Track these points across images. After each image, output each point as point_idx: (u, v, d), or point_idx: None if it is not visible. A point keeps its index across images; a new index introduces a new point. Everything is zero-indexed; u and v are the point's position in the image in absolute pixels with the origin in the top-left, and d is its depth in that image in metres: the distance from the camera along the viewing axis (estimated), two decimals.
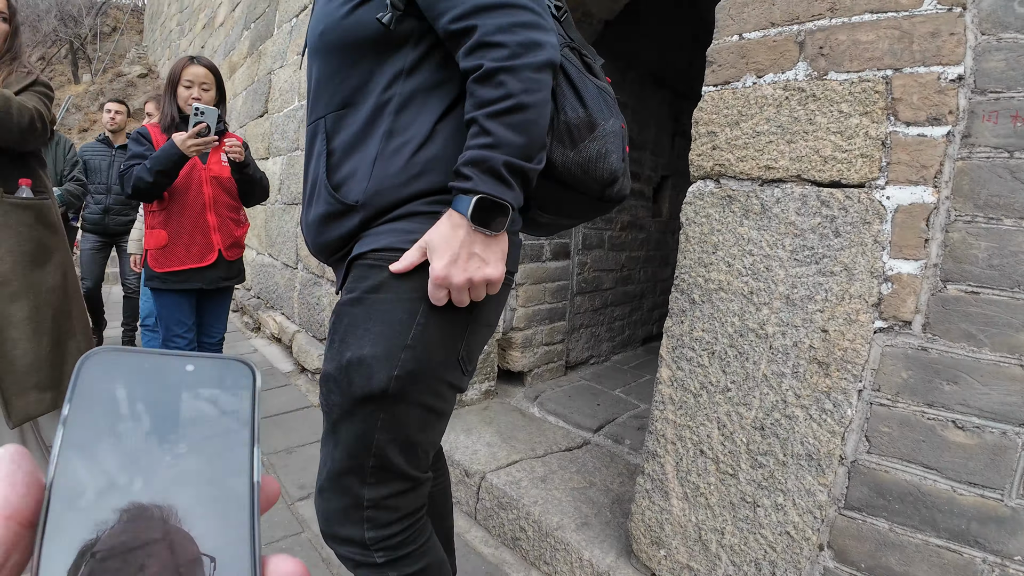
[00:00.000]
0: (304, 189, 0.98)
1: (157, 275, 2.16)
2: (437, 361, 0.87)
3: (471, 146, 0.80)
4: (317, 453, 2.32)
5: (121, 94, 13.54)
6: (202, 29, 9.43)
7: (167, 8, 14.20)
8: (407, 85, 0.87)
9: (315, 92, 0.95)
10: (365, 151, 0.88)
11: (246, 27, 6.00)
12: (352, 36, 0.87)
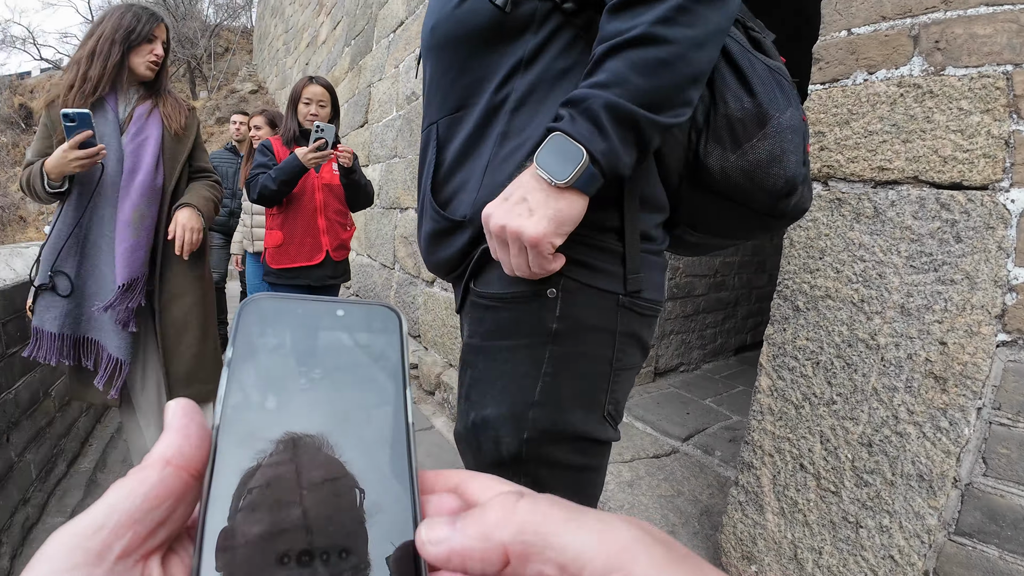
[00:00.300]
0: (418, 200, 0.89)
1: (273, 271, 2.40)
2: (576, 418, 0.74)
3: (580, 85, 0.66)
4: None
5: (235, 109, 14.80)
6: (306, 47, 10.12)
7: (273, 29, 15.36)
8: (526, 77, 0.74)
9: (428, 94, 0.85)
10: (478, 159, 0.77)
11: (347, 44, 6.39)
12: (465, 27, 0.75)
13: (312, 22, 9.69)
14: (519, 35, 0.74)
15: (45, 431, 2.13)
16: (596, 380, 0.75)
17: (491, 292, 0.75)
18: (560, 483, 0.76)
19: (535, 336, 0.73)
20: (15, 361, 1.94)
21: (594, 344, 0.74)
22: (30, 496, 1.93)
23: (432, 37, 0.80)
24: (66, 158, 1.46)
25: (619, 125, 0.63)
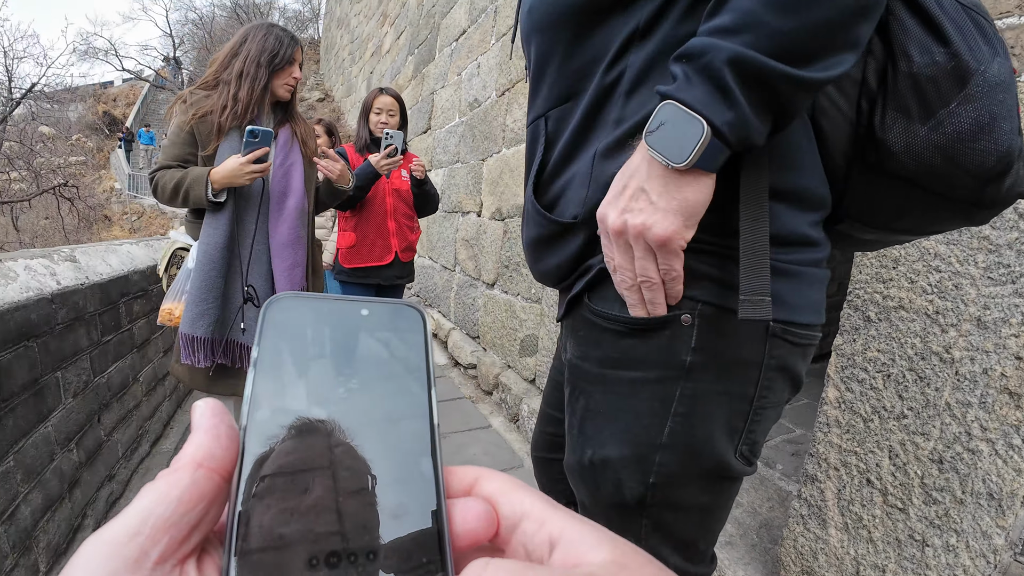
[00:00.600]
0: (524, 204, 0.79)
1: (345, 270, 2.56)
2: (706, 461, 0.64)
3: (699, 31, 0.52)
4: (467, 440, 2.59)
5: (304, 117, 15.49)
6: (370, 57, 10.49)
7: (339, 40, 15.98)
8: (643, 51, 0.60)
9: (532, 86, 0.74)
10: (587, 151, 0.65)
11: (410, 53, 6.60)
12: (564, 3, 0.64)
13: (376, 32, 10.04)
14: (631, 3, 0.60)
15: (132, 413, 2.32)
16: (732, 420, 0.63)
17: (613, 314, 0.63)
18: (684, 524, 0.68)
19: (665, 370, 0.62)
20: (109, 348, 2.12)
21: (734, 380, 0.62)
22: (116, 473, 2.11)
23: (530, 21, 0.69)
24: (241, 170, 1.56)
25: (749, 86, 0.49)
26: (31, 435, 1.53)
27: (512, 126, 3.27)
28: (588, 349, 0.68)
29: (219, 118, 1.63)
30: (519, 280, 3.04)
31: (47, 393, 1.63)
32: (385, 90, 2.50)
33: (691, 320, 0.60)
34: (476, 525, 0.21)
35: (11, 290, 1.52)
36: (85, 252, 2.12)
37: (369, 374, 0.24)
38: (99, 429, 1.97)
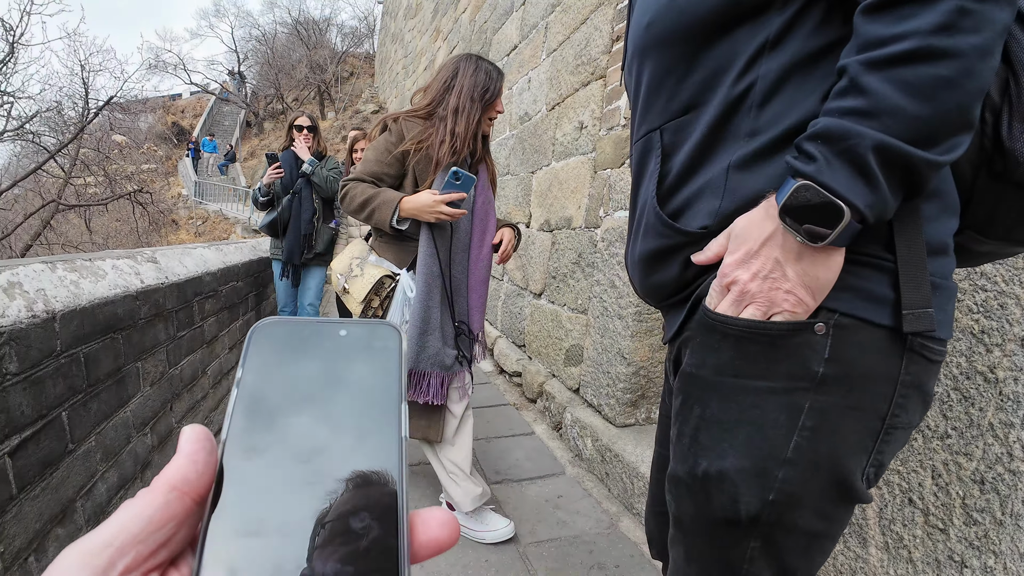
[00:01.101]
0: (631, 218, 0.79)
1: None
2: (830, 480, 0.61)
3: (830, 109, 0.54)
4: (511, 445, 2.64)
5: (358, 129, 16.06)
6: (424, 71, 10.79)
7: (393, 54, 16.49)
8: (773, 62, 0.61)
9: (645, 100, 0.74)
10: (716, 162, 0.65)
11: None
12: (690, 16, 0.64)
13: (429, 47, 10.33)
14: (759, 15, 0.61)
15: (200, 404, 2.47)
16: (862, 438, 0.61)
17: (739, 319, 0.61)
18: (792, 549, 0.64)
19: (795, 380, 0.59)
20: (183, 343, 2.28)
21: (867, 395, 0.60)
22: None
23: (648, 35, 0.70)
24: (432, 208, 1.58)
25: (891, 170, 0.52)
26: (111, 419, 1.66)
27: (562, 139, 3.32)
28: (707, 355, 0.65)
29: (437, 153, 1.66)
30: (565, 291, 3.08)
31: (128, 381, 1.77)
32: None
33: (825, 330, 0.58)
34: (439, 533, 0.23)
35: (101, 287, 1.66)
36: (164, 254, 2.28)
37: (345, 392, 0.25)
38: (171, 417, 2.12)
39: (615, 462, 2.25)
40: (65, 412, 1.40)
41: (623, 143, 2.60)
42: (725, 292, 0.61)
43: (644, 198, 0.74)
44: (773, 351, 0.60)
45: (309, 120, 3.48)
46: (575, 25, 3.31)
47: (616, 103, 2.71)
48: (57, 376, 1.38)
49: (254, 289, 3.59)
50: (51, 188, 9.60)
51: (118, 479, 1.68)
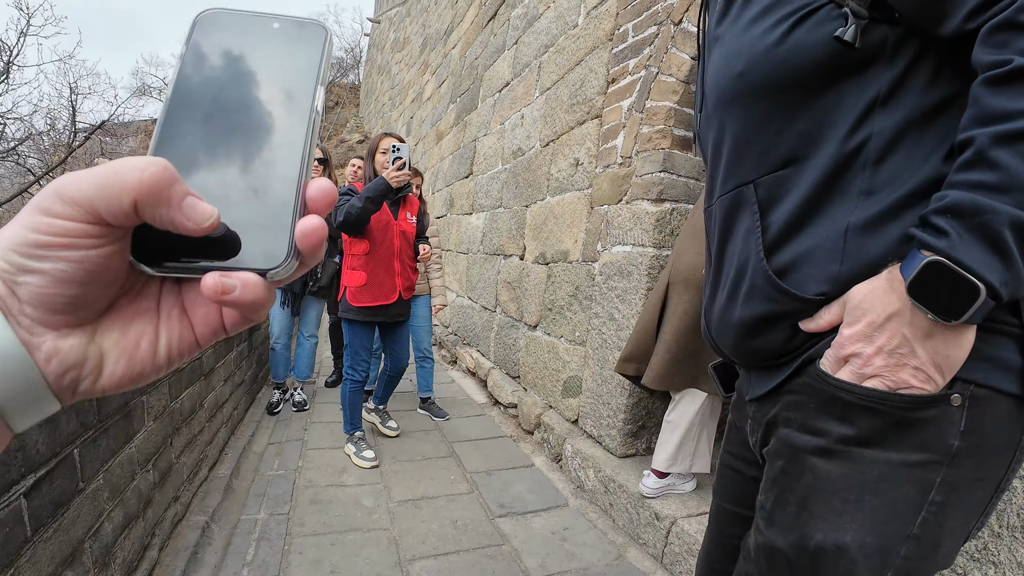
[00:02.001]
0: (715, 275, 0.77)
1: (353, 309, 2.67)
2: (946, 552, 0.61)
3: (957, 182, 0.53)
4: (512, 477, 2.65)
5: (343, 158, 16.13)
6: (411, 103, 10.96)
7: (379, 85, 16.72)
8: (887, 119, 0.59)
9: (733, 152, 0.72)
10: (828, 221, 0.62)
11: (452, 101, 6.91)
12: (792, 67, 0.62)
13: (417, 80, 10.52)
14: (866, 68, 0.60)
15: (197, 438, 2.44)
16: (979, 505, 0.60)
17: (868, 389, 0.58)
18: None
19: (928, 453, 0.57)
20: (183, 375, 2.26)
21: (993, 465, 0.59)
22: (180, 495, 2.20)
23: (742, 83, 0.67)
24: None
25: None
26: (118, 455, 1.64)
27: (557, 175, 3.41)
28: (825, 423, 0.62)
29: None
30: (563, 323, 3.12)
31: (134, 416, 1.75)
32: (389, 133, 2.71)
33: (961, 401, 0.56)
34: (319, 194, 0.27)
35: None
36: None
37: (269, 72, 0.29)
38: (171, 452, 2.08)
39: (619, 493, 2.26)
40: (77, 449, 1.38)
41: (620, 180, 2.69)
42: (842, 363, 0.60)
43: (744, 257, 0.70)
44: (904, 423, 0.58)
45: (321, 152, 3.54)
46: (569, 66, 3.43)
47: (613, 142, 2.81)
48: (71, 412, 1.37)
49: None
50: None
51: (123, 518, 1.65)
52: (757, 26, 0.65)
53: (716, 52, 0.73)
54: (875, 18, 0.59)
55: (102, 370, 0.26)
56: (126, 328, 0.26)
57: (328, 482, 2.55)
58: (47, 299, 0.23)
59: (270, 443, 3.03)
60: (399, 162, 2.44)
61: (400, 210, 2.74)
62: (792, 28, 0.62)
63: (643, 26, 2.67)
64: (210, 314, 0.28)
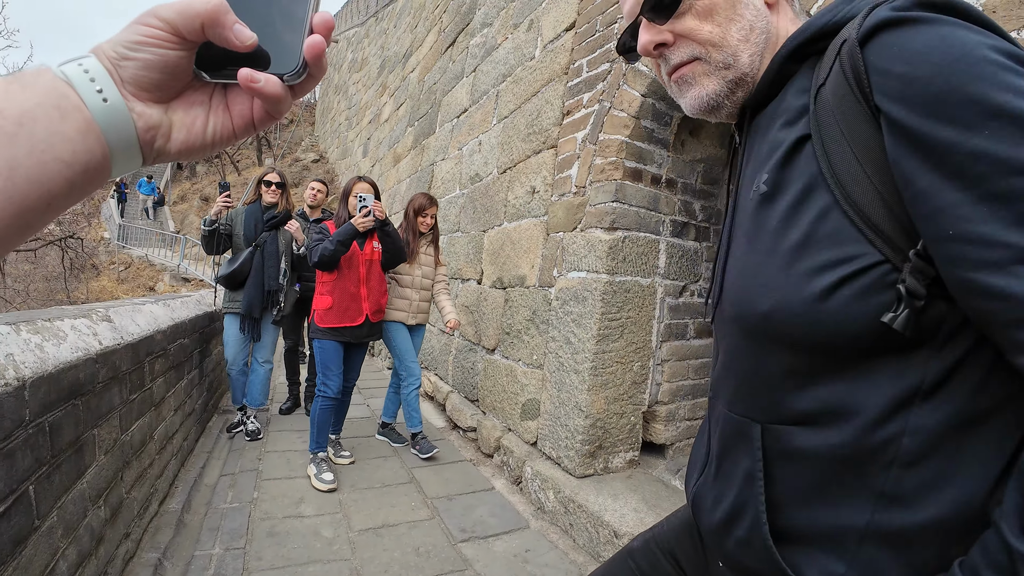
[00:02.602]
0: (708, 461, 0.74)
1: (320, 329, 2.94)
2: None
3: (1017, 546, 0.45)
4: (473, 501, 2.70)
5: (297, 177, 15.89)
6: (368, 124, 10.96)
7: (336, 104, 16.62)
8: (927, 417, 0.51)
9: (743, 376, 0.65)
10: (837, 509, 0.56)
11: (410, 124, 6.97)
12: (830, 331, 0.53)
13: (375, 101, 10.54)
14: (910, 351, 0.52)
15: (147, 471, 2.36)
16: None
17: None
18: None
19: None
20: (134, 406, 2.20)
21: None
22: (131, 531, 2.13)
23: (766, 325, 0.59)
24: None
25: None
26: (70, 491, 1.59)
27: (514, 202, 3.51)
28: None
29: None
30: (520, 346, 3.19)
31: (85, 450, 1.70)
32: (363, 178, 3.02)
33: None
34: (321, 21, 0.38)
35: (63, 350, 1.62)
36: (117, 312, 2.23)
37: None
38: (121, 487, 2.02)
39: (579, 513, 2.33)
40: (32, 486, 1.35)
41: (575, 209, 2.80)
42: None
43: (743, 499, 0.64)
44: None
45: (279, 177, 3.56)
46: (527, 96, 3.56)
47: (568, 172, 2.93)
48: (26, 448, 1.33)
49: (199, 346, 3.48)
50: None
51: (76, 556, 1.60)
52: (794, 262, 0.55)
53: (738, 255, 0.65)
54: (933, 294, 0.50)
55: (170, 135, 0.37)
56: (187, 110, 0.38)
57: (285, 513, 2.51)
58: (138, 79, 0.35)
59: (223, 474, 2.95)
60: (365, 210, 2.80)
61: (366, 242, 3.00)
62: (837, 286, 0.52)
63: (597, 62, 2.82)
64: (245, 110, 0.39)
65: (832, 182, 0.53)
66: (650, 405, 2.76)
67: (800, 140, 0.57)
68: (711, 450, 0.74)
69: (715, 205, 3.00)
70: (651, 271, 2.70)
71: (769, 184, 0.60)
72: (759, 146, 0.65)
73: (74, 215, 10.01)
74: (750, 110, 0.68)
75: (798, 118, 0.59)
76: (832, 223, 0.53)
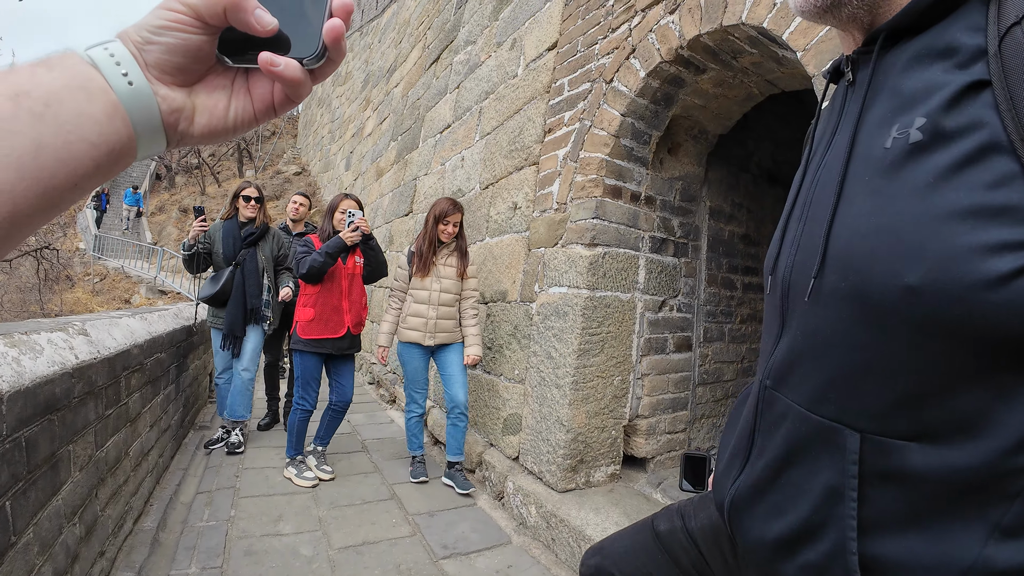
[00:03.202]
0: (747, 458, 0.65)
1: (302, 340, 3.00)
2: None
3: None
4: (454, 517, 2.70)
5: (279, 189, 15.78)
6: (351, 137, 10.96)
7: (319, 117, 16.60)
8: None
9: (842, 371, 0.54)
10: (940, 541, 0.48)
11: (393, 138, 7.00)
12: (991, 326, 0.43)
13: (358, 115, 10.56)
14: None
15: (122, 488, 2.32)
16: None
17: None
18: None
19: None
20: (109, 422, 2.16)
21: None
22: (106, 549, 2.09)
23: (908, 303, 0.47)
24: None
25: None
26: (46, 508, 1.56)
27: (496, 217, 3.54)
28: None
29: None
30: (502, 361, 3.20)
31: (61, 467, 1.67)
32: (348, 195, 3.12)
33: None
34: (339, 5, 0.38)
35: (40, 364, 1.60)
36: (94, 326, 2.20)
37: None
38: (96, 504, 1.98)
39: (561, 527, 2.33)
40: (8, 502, 1.33)
41: (556, 225, 2.84)
42: None
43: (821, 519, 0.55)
44: None
45: (257, 191, 3.59)
46: (509, 113, 3.61)
47: (549, 188, 2.97)
48: (2, 463, 1.31)
49: (176, 360, 3.43)
50: None
51: (52, 574, 1.57)
52: (959, 231, 0.44)
53: (861, 214, 0.52)
54: None
55: (193, 119, 0.38)
56: (210, 94, 0.39)
57: (264, 531, 2.48)
58: (162, 62, 0.36)
59: (199, 492, 2.90)
60: (352, 225, 2.91)
61: (349, 257, 3.09)
62: (1019, 273, 0.42)
63: (578, 82, 2.88)
64: (265, 94, 0.40)
65: (1020, 145, 0.43)
66: (631, 419, 2.79)
67: (972, 86, 0.47)
68: (758, 447, 0.64)
69: (693, 221, 3.07)
70: (631, 286, 2.75)
71: (927, 132, 0.48)
72: (896, 85, 0.53)
73: (50, 225, 9.78)
74: (882, 39, 0.55)
75: (971, 61, 0.48)
76: (1018, 195, 0.42)
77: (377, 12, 11.54)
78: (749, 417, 0.67)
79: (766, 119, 3.55)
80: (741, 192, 3.45)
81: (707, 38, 2.20)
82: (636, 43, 2.49)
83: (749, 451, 0.65)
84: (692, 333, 3.11)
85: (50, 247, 8.93)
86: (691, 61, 2.38)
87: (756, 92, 2.63)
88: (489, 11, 4.36)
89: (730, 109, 2.81)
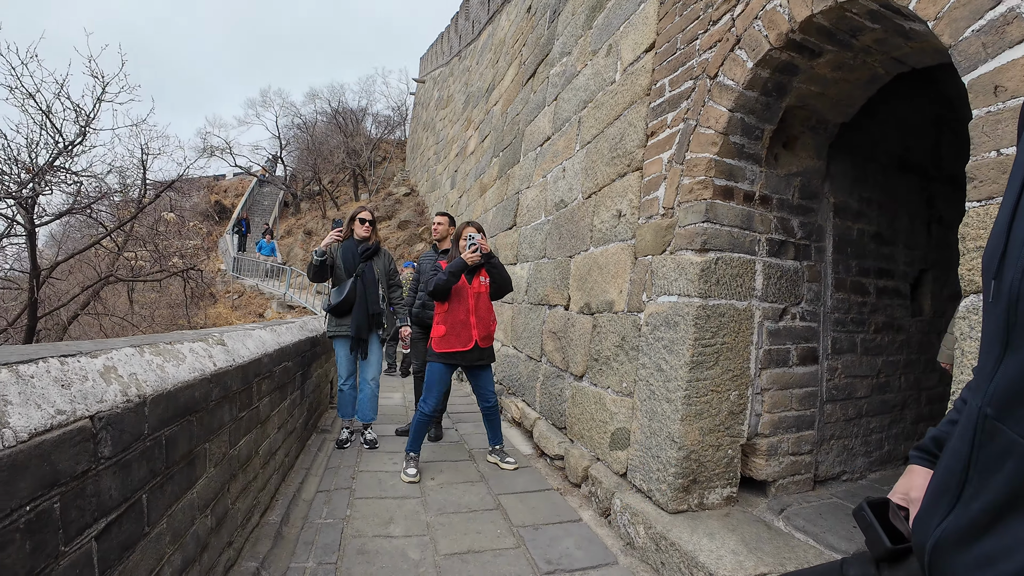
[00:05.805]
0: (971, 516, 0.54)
1: (435, 353, 3.43)
2: None
3: None
4: (559, 532, 2.63)
5: (390, 210, 16.74)
6: (455, 156, 11.39)
7: (425, 140, 17.44)
8: None
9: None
10: None
11: (495, 155, 7.15)
12: None
13: (461, 135, 10.95)
14: None
15: (251, 484, 2.50)
16: None
17: None
18: None
19: None
20: (242, 423, 2.35)
21: None
22: (233, 540, 2.25)
23: None
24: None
25: None
26: (181, 500, 1.71)
27: (600, 226, 3.47)
28: None
29: None
30: (609, 373, 3.10)
31: (197, 463, 1.83)
32: (471, 223, 3.53)
33: None
34: None
35: (182, 370, 1.76)
36: (230, 336, 2.40)
37: None
38: (227, 498, 2.15)
39: (671, 551, 2.19)
40: (145, 495, 1.46)
41: (663, 231, 2.72)
42: None
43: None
44: None
45: (370, 215, 4.04)
46: (608, 120, 3.54)
47: (654, 193, 2.85)
48: (142, 459, 1.45)
49: (301, 368, 3.69)
50: (101, 261, 10.21)
51: (181, 562, 1.71)
52: None
53: None
54: None
55: None
56: None
57: (375, 532, 2.56)
58: None
59: (319, 490, 3.08)
60: (473, 247, 3.31)
61: (474, 277, 3.46)
62: None
63: (679, 81, 2.76)
64: None
65: None
66: (749, 438, 2.58)
67: None
68: (973, 485, 0.55)
69: (815, 221, 2.80)
70: (747, 294, 2.55)
71: None
72: None
73: (195, 249, 11.15)
74: None
75: None
76: None
77: (474, 35, 11.95)
78: (963, 449, 0.56)
79: (890, 101, 3.18)
80: (869, 185, 3.10)
81: (821, 17, 2.00)
82: (740, 33, 2.33)
83: (961, 489, 0.56)
84: (818, 344, 2.82)
85: (195, 268, 10.16)
86: (804, 45, 2.18)
87: (882, 72, 2.36)
88: (582, 20, 4.33)
89: (852, 94, 2.54)
